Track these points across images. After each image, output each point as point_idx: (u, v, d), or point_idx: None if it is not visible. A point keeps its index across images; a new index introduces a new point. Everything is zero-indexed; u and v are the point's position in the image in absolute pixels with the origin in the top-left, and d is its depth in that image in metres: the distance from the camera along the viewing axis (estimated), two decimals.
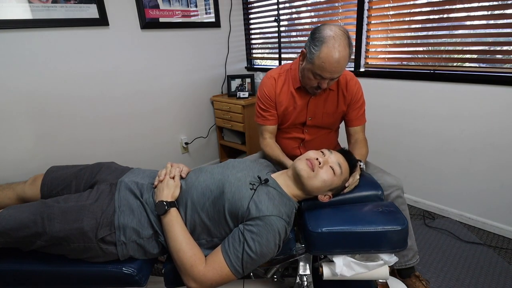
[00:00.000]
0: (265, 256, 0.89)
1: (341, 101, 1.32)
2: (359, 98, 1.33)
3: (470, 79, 1.62)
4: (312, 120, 1.34)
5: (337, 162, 1.03)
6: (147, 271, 1.02)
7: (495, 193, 1.69)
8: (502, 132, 1.59)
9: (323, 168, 1.00)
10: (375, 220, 0.96)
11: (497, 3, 1.49)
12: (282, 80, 1.32)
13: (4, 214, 0.93)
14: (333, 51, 1.05)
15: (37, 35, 1.63)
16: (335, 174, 1.01)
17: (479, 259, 1.55)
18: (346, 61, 1.09)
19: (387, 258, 0.97)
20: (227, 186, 0.96)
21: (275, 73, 1.34)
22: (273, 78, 1.33)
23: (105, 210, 0.97)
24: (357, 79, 1.34)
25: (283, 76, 1.33)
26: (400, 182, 1.26)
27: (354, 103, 1.33)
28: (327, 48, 1.06)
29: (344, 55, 1.07)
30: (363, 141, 1.34)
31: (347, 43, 1.07)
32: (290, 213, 0.97)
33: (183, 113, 2.41)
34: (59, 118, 1.79)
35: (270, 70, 1.38)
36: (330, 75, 1.11)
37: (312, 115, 1.33)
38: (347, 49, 1.07)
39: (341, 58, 1.06)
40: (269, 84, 1.33)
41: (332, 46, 1.05)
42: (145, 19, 2.01)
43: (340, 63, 1.07)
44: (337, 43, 1.05)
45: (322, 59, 1.07)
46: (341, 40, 1.06)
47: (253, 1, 2.56)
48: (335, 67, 1.08)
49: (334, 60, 1.06)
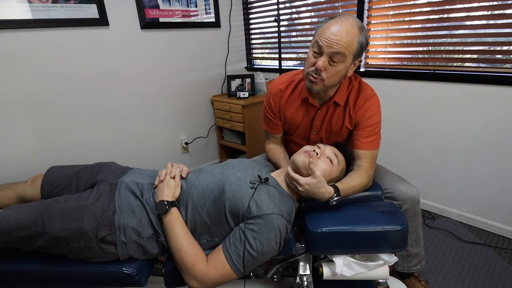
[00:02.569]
0: (266, 255, 0.89)
1: (347, 120, 1.18)
2: (368, 120, 1.14)
3: (470, 79, 1.62)
4: (317, 135, 1.27)
5: (333, 153, 1.06)
6: (147, 271, 1.02)
7: (495, 193, 1.69)
8: (502, 132, 1.59)
9: (321, 158, 1.03)
10: (375, 220, 0.96)
11: (497, 3, 1.49)
12: (289, 91, 1.24)
13: (4, 214, 0.93)
14: (337, 21, 0.99)
15: (37, 35, 1.63)
16: (333, 163, 1.04)
17: (479, 259, 1.55)
18: (348, 37, 0.98)
19: (387, 258, 0.97)
20: (228, 185, 0.97)
21: (284, 82, 1.25)
22: (280, 90, 1.24)
23: (106, 210, 0.97)
24: (375, 100, 1.16)
25: (292, 85, 1.23)
26: (417, 193, 1.17)
27: (360, 124, 1.15)
28: (332, 20, 1.01)
29: (347, 27, 0.98)
30: (363, 171, 1.09)
31: (358, 25, 0.99)
32: (290, 212, 0.97)
33: (183, 113, 2.41)
34: (59, 118, 1.79)
35: (282, 76, 1.29)
36: (326, 43, 0.98)
37: (317, 130, 1.25)
38: (355, 28, 0.99)
39: (343, 29, 0.97)
40: (275, 94, 1.26)
41: (338, 18, 1.00)
42: (145, 19, 2.01)
43: (340, 33, 0.97)
44: (344, 18, 0.99)
45: (323, 28, 1.01)
46: (351, 19, 0.99)
47: (253, 1, 2.56)
48: (333, 34, 0.98)
49: (334, 28, 0.98)
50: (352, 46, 0.99)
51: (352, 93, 1.16)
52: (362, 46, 1.02)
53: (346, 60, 1.01)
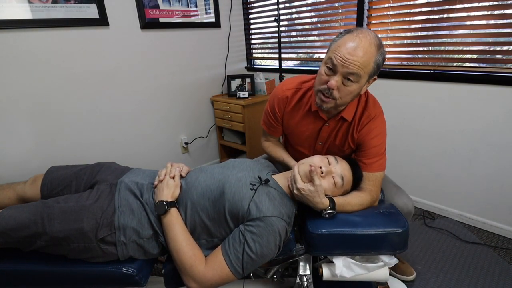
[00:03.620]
0: (265, 257, 0.89)
1: (350, 139, 1.13)
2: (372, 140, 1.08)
3: (470, 79, 1.62)
4: (322, 145, 1.21)
5: (340, 174, 0.99)
6: (147, 271, 1.02)
7: (495, 193, 1.69)
8: (502, 132, 1.59)
9: (325, 178, 0.98)
10: (375, 222, 0.96)
11: (497, 3, 1.49)
12: (296, 99, 1.17)
13: (4, 214, 0.93)
14: (354, 38, 0.92)
15: (37, 35, 1.63)
16: (336, 186, 0.99)
17: (479, 259, 1.55)
18: (365, 57, 0.91)
19: (387, 260, 0.97)
20: (228, 186, 0.96)
21: (291, 88, 1.18)
22: (287, 97, 1.17)
23: (105, 210, 0.97)
24: (380, 120, 1.10)
25: (300, 93, 1.17)
26: (412, 208, 1.17)
27: (364, 145, 1.09)
28: (349, 35, 0.94)
29: (365, 46, 0.91)
30: (366, 193, 1.05)
31: (375, 43, 0.93)
32: (290, 214, 0.97)
33: (183, 113, 2.41)
34: (59, 118, 1.79)
35: (289, 81, 1.21)
36: (341, 62, 0.92)
37: (323, 141, 1.20)
38: (373, 47, 0.92)
39: (360, 48, 0.90)
40: (280, 100, 1.19)
41: (356, 35, 0.92)
42: (145, 19, 2.01)
43: (357, 52, 0.90)
44: (363, 35, 0.92)
45: (339, 44, 0.94)
46: (369, 36, 0.92)
47: (253, 1, 2.55)
48: (349, 53, 0.91)
49: (351, 46, 0.91)
50: (369, 66, 0.93)
51: (359, 110, 1.10)
52: (379, 65, 0.97)
53: (360, 81, 0.96)
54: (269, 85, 2.47)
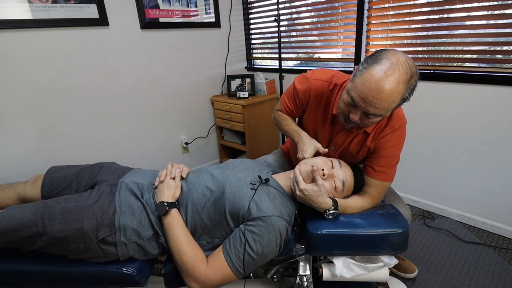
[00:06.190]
0: (266, 256, 0.89)
1: (366, 147, 1.08)
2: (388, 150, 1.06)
3: (470, 79, 1.62)
4: (335, 151, 1.17)
5: (342, 179, 0.99)
6: (147, 271, 1.02)
7: (495, 193, 1.69)
8: (502, 132, 1.59)
9: (326, 180, 0.97)
10: (375, 222, 0.96)
11: (497, 3, 1.49)
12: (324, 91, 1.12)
13: (5, 214, 0.93)
14: (380, 74, 0.82)
15: (37, 35, 1.63)
16: (336, 190, 0.99)
17: (479, 259, 1.55)
18: (391, 98, 0.84)
19: (387, 260, 0.97)
20: (228, 186, 0.96)
21: (322, 79, 1.11)
22: (328, 90, 1.09)
23: (106, 211, 0.97)
24: (402, 132, 1.06)
25: (331, 86, 1.11)
26: (408, 215, 1.17)
27: (379, 151, 1.07)
28: (376, 69, 0.83)
29: (392, 88, 0.82)
30: (368, 197, 1.05)
31: (404, 80, 0.83)
32: (291, 213, 0.97)
33: (183, 113, 2.41)
34: (59, 118, 1.79)
35: (322, 73, 1.12)
36: (363, 104, 0.86)
37: (336, 147, 1.15)
38: (401, 86, 0.83)
39: (386, 89, 0.81)
40: (320, 86, 1.10)
41: (383, 70, 0.82)
42: (145, 19, 2.01)
43: (382, 95, 0.82)
44: (392, 71, 0.82)
45: (364, 79, 0.85)
46: (398, 72, 0.82)
47: (253, 1, 2.55)
48: (372, 96, 0.83)
49: (375, 85, 0.82)
50: (393, 105, 0.87)
51: (383, 122, 1.05)
52: (406, 99, 0.89)
53: (384, 115, 0.92)
54: (269, 85, 2.47)
